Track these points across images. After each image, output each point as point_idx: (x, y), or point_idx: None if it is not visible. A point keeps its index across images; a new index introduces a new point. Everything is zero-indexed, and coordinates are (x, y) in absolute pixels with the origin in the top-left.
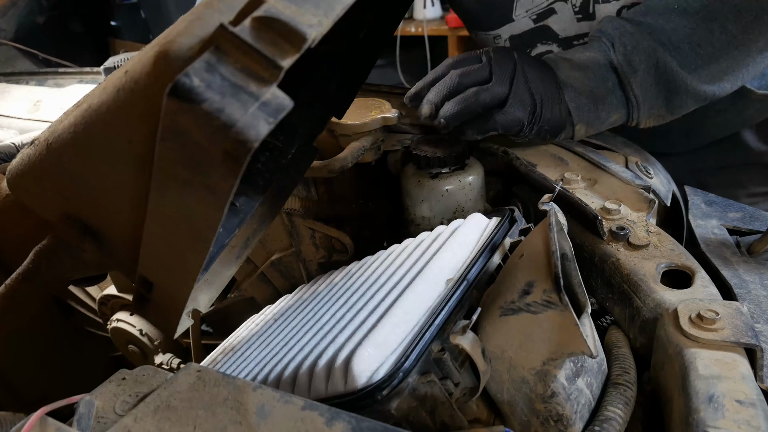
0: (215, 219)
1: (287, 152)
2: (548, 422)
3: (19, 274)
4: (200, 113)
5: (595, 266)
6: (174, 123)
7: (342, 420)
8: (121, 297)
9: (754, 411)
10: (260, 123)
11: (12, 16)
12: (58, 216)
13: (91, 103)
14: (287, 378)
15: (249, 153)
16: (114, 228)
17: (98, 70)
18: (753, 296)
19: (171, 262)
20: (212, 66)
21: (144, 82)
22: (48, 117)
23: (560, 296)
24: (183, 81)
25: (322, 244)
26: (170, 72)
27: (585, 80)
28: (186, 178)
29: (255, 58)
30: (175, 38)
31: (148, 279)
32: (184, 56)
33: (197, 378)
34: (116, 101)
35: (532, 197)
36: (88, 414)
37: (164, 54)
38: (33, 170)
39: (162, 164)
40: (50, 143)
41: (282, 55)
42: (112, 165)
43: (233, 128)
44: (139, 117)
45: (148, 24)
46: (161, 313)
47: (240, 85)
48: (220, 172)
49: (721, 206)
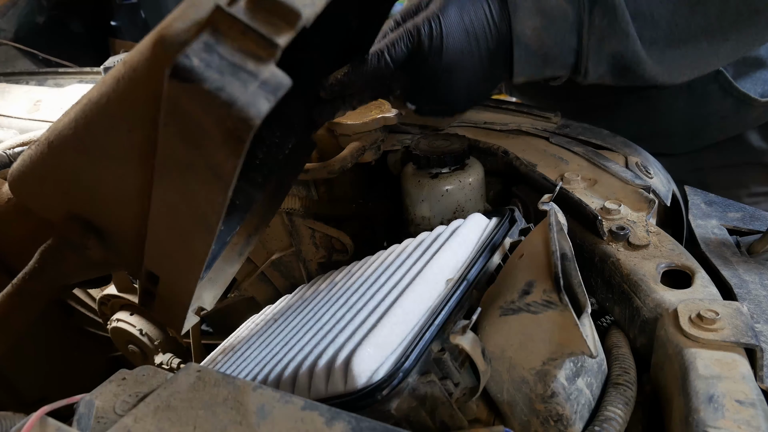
0: (219, 203)
1: (284, 147)
2: (548, 422)
3: (25, 273)
4: (201, 92)
5: (595, 266)
6: (175, 105)
7: (342, 420)
8: (121, 297)
9: (754, 411)
10: (260, 101)
11: (12, 16)
12: (61, 216)
13: (90, 97)
14: (287, 378)
15: (251, 131)
16: (118, 223)
17: (98, 70)
18: (753, 296)
19: (177, 252)
20: (210, 46)
21: (143, 68)
22: (48, 117)
23: (560, 296)
24: (183, 62)
25: (322, 244)
26: (168, 56)
27: (544, 37)
28: (189, 162)
29: (252, 37)
30: (171, 23)
31: (154, 273)
32: (181, 39)
33: (197, 378)
34: (116, 91)
35: (532, 197)
36: (88, 414)
37: (161, 39)
38: (35, 171)
39: (165, 149)
40: (51, 141)
41: (278, 33)
42: (114, 157)
43: (234, 106)
44: (139, 104)
45: (148, 24)
46: (168, 307)
47: (239, 64)
48: (223, 153)
49: (721, 206)
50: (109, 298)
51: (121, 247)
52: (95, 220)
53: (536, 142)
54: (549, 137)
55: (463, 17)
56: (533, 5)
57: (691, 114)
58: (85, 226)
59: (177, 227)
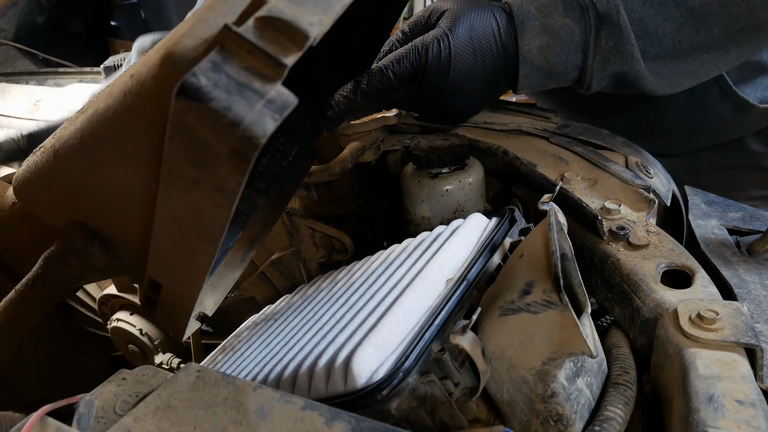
0: (224, 217)
1: (288, 154)
2: (548, 422)
3: (28, 279)
4: (208, 112)
5: (595, 266)
6: (182, 122)
7: (342, 420)
8: (121, 297)
9: (754, 411)
10: (266, 120)
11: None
12: (65, 222)
13: (97, 108)
14: (287, 378)
15: (256, 150)
16: (122, 232)
17: (98, 70)
18: (753, 296)
19: (179, 262)
20: (218, 65)
21: (150, 84)
22: (48, 117)
23: (560, 296)
24: (191, 81)
25: (322, 243)
26: (176, 73)
27: (549, 55)
28: (194, 177)
29: (259, 56)
30: (180, 40)
31: (157, 281)
32: (189, 57)
33: (197, 378)
34: (123, 104)
35: (532, 197)
36: (88, 414)
37: (170, 56)
38: (40, 178)
39: (170, 164)
40: (57, 149)
41: (285, 53)
42: (119, 168)
43: (240, 125)
44: (146, 118)
45: (148, 24)
46: (170, 315)
47: (245, 83)
48: (227, 170)
49: (721, 206)
50: (109, 298)
51: (124, 254)
52: (99, 227)
53: (536, 142)
54: (549, 137)
55: (472, 37)
56: (540, 24)
57: (691, 115)
58: (89, 233)
59: (180, 238)
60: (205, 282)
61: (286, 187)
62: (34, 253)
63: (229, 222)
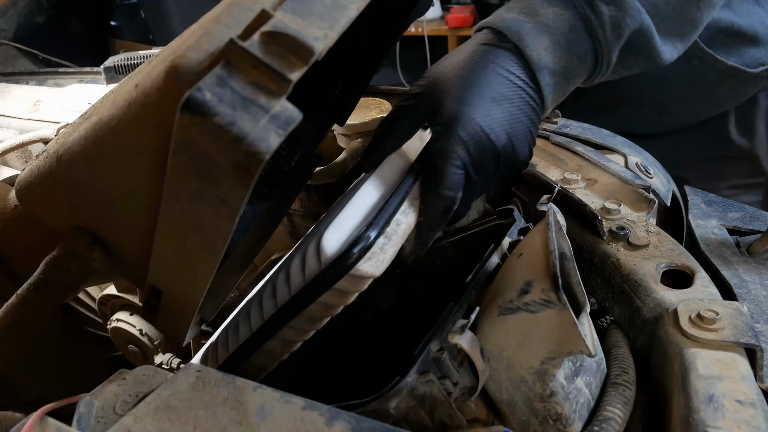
0: (226, 229)
1: (290, 160)
2: (547, 421)
3: (30, 284)
4: (212, 126)
5: (595, 266)
6: (186, 136)
7: (342, 420)
8: (121, 297)
9: (754, 411)
10: (271, 135)
11: (12, 16)
12: (67, 227)
13: (101, 116)
14: (268, 291)
15: (260, 165)
16: (124, 238)
17: (98, 70)
18: (753, 296)
19: (181, 271)
20: (223, 80)
21: (155, 96)
22: (48, 117)
23: (558, 295)
24: (195, 95)
25: None
26: (181, 86)
27: (559, 52)
28: (197, 189)
29: (264, 71)
30: (185, 53)
31: (158, 288)
32: (195, 71)
33: (197, 378)
34: (127, 115)
35: (532, 197)
36: (88, 414)
37: (175, 69)
38: (43, 183)
39: (174, 175)
40: (60, 155)
41: (290, 68)
42: (122, 176)
43: (245, 141)
44: (149, 129)
45: (148, 24)
46: (170, 321)
47: (250, 98)
48: (231, 184)
49: (721, 206)
50: (109, 298)
51: (125, 260)
52: (101, 233)
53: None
54: (549, 137)
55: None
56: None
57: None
58: (91, 238)
59: (182, 248)
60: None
61: (287, 192)
62: (35, 256)
63: (232, 233)
